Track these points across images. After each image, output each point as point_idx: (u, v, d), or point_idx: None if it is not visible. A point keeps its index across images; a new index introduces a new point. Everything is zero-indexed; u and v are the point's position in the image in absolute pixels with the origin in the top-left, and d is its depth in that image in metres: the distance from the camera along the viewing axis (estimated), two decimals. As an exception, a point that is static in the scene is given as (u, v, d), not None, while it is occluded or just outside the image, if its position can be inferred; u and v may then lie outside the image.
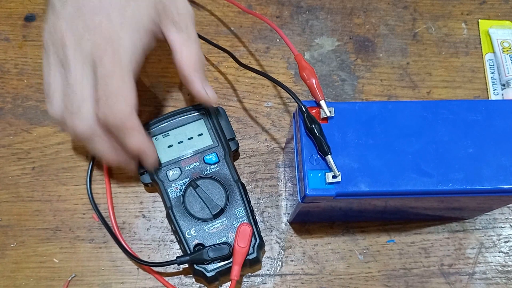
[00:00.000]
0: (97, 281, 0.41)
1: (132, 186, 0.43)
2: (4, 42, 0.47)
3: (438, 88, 0.47)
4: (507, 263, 0.42)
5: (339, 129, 0.32)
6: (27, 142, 0.44)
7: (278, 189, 0.44)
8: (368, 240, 0.42)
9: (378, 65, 0.48)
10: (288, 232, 0.42)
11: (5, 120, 0.45)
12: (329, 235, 0.42)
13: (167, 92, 0.46)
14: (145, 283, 0.41)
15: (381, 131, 0.32)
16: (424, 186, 0.31)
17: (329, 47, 0.48)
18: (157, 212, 0.43)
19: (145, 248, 0.42)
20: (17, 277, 0.41)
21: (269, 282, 0.41)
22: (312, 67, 0.35)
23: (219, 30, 0.49)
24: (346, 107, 0.33)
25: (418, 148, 0.32)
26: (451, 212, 0.40)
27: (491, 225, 0.43)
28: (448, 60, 0.48)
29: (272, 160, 0.44)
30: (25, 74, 0.46)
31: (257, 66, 0.47)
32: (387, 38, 0.49)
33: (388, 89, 0.47)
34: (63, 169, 0.44)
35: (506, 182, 0.31)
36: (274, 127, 0.45)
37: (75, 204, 0.43)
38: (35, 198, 0.43)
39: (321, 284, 0.41)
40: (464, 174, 0.32)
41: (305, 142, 0.32)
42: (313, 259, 0.42)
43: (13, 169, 0.43)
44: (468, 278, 0.41)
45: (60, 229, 0.42)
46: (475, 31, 0.50)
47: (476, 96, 0.47)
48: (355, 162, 0.32)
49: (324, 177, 0.31)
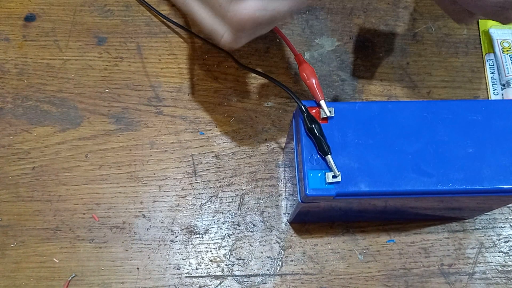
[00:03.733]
0: (97, 281, 0.41)
1: (132, 186, 0.43)
2: (4, 42, 0.47)
3: (438, 88, 0.47)
4: (507, 263, 0.42)
5: (339, 129, 0.32)
6: (27, 142, 0.44)
7: (278, 189, 0.44)
8: (368, 240, 0.42)
9: (378, 65, 0.48)
10: (288, 232, 0.42)
11: (5, 120, 0.45)
12: (329, 235, 0.42)
13: (167, 92, 0.46)
14: (145, 283, 0.41)
15: (381, 131, 0.32)
16: (424, 186, 0.31)
17: (329, 47, 0.48)
18: (157, 212, 0.43)
19: (145, 248, 0.42)
20: (17, 277, 0.41)
21: (269, 282, 0.41)
22: (312, 67, 0.35)
23: (219, 30, 0.48)
24: (346, 107, 0.33)
25: (418, 148, 0.32)
26: (451, 212, 0.40)
27: (491, 225, 0.43)
28: (448, 60, 0.48)
29: (272, 160, 0.44)
30: (25, 74, 0.46)
31: (257, 66, 0.47)
32: (387, 38, 0.49)
33: (388, 89, 0.47)
34: (63, 169, 0.44)
35: (506, 182, 0.31)
36: (274, 127, 0.45)
37: (75, 204, 0.43)
38: (35, 198, 0.43)
39: (321, 284, 0.41)
40: (464, 174, 0.32)
41: (305, 142, 0.32)
42: (313, 259, 0.42)
43: (13, 169, 0.43)
44: (468, 278, 0.41)
45: (60, 229, 0.42)
46: (475, 31, 0.50)
47: (476, 96, 0.47)
48: (355, 162, 0.32)
49: (324, 177, 0.31)
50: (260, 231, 0.42)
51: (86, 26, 0.48)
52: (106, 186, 0.43)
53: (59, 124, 0.45)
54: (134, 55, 0.47)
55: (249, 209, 0.43)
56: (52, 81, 0.46)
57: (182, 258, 0.41)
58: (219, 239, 0.42)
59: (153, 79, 0.47)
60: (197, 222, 0.43)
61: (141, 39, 0.48)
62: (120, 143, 0.44)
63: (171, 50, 0.48)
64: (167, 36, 0.48)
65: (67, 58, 0.47)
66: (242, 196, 0.43)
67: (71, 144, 0.44)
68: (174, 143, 0.45)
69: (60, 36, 0.48)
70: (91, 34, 0.48)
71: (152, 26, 0.49)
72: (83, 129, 0.45)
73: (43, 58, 0.47)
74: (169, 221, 0.42)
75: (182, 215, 0.43)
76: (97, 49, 0.47)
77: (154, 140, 0.45)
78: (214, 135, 0.45)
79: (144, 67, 0.47)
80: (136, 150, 0.44)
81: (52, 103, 0.46)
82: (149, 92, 0.46)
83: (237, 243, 0.42)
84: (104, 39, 0.48)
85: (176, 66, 0.47)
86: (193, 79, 0.47)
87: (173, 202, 0.43)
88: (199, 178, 0.44)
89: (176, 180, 0.44)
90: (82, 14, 0.49)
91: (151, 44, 0.48)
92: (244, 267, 0.41)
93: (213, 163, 0.44)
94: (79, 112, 0.45)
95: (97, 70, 0.47)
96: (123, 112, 0.45)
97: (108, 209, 0.43)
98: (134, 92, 0.46)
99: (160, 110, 0.46)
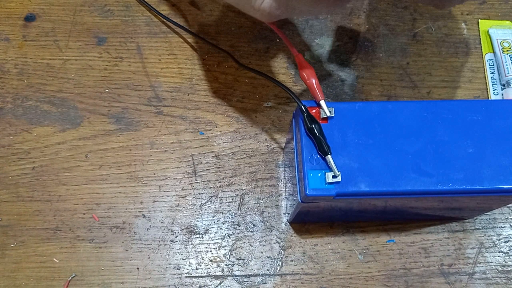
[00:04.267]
0: (97, 281, 0.41)
1: (132, 186, 0.43)
2: (4, 42, 0.47)
3: (438, 88, 0.47)
4: (507, 263, 0.42)
5: (339, 129, 0.32)
6: (27, 142, 0.44)
7: (278, 189, 0.44)
8: (368, 240, 0.42)
9: (378, 65, 0.48)
10: (288, 232, 0.42)
11: (5, 120, 0.45)
12: (329, 235, 0.42)
13: (167, 92, 0.46)
14: (145, 283, 0.41)
15: (381, 131, 0.32)
16: (424, 186, 0.31)
17: (329, 47, 0.48)
18: (157, 212, 0.43)
19: (145, 248, 0.42)
20: (17, 277, 0.41)
21: (269, 282, 0.41)
22: (312, 67, 0.35)
23: (219, 30, 0.49)
24: (346, 107, 0.33)
25: (418, 148, 0.32)
26: (451, 212, 0.40)
27: (491, 225, 0.43)
28: (448, 60, 0.48)
29: (272, 160, 0.44)
30: (25, 74, 0.46)
31: (257, 66, 0.47)
32: (387, 38, 0.49)
33: (388, 89, 0.47)
34: (63, 169, 0.44)
35: (506, 182, 0.31)
36: (274, 127, 0.45)
37: (75, 204, 0.43)
38: (35, 198, 0.43)
39: (321, 284, 0.41)
40: (464, 174, 0.32)
41: (305, 142, 0.32)
42: (313, 259, 0.42)
43: (13, 169, 0.43)
44: (468, 278, 0.41)
45: (60, 229, 0.42)
46: (475, 31, 0.50)
47: (476, 96, 0.47)
48: (355, 162, 0.32)
49: (324, 177, 0.31)
50: (260, 231, 0.42)
51: (86, 26, 0.48)
52: (106, 186, 0.43)
53: (59, 124, 0.45)
54: (134, 55, 0.47)
55: (249, 209, 0.43)
56: (52, 81, 0.46)
57: (182, 258, 0.42)
58: (219, 239, 0.42)
59: (153, 79, 0.47)
60: (197, 222, 0.43)
61: (141, 39, 0.48)
62: (120, 143, 0.44)
63: (171, 50, 0.48)
64: (167, 36, 0.48)
65: (67, 58, 0.47)
66: (242, 196, 0.43)
67: (71, 144, 0.44)
68: (174, 143, 0.45)
69: (60, 36, 0.48)
70: (91, 34, 0.48)
71: (152, 26, 0.49)
72: (83, 129, 0.45)
73: (43, 58, 0.47)
74: (169, 221, 0.42)
75: (182, 215, 0.43)
76: (97, 49, 0.47)
77: (154, 140, 0.45)
78: (214, 135, 0.45)
79: (144, 67, 0.47)
80: (136, 150, 0.44)
81: (52, 103, 0.46)
82: (149, 92, 0.46)
83: (237, 243, 0.42)
84: (104, 39, 0.48)
85: (176, 66, 0.47)
86: (193, 79, 0.47)
87: (173, 202, 0.43)
88: (199, 178, 0.44)
89: (176, 180, 0.44)
90: (82, 14, 0.49)
91: (151, 44, 0.48)
92: (244, 267, 0.41)
93: (213, 163, 0.44)
94: (79, 112, 0.45)
95: (97, 70, 0.47)
96: (123, 112, 0.45)
97: (108, 209, 0.43)
98: (134, 92, 0.46)
99: (160, 110, 0.46)
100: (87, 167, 0.44)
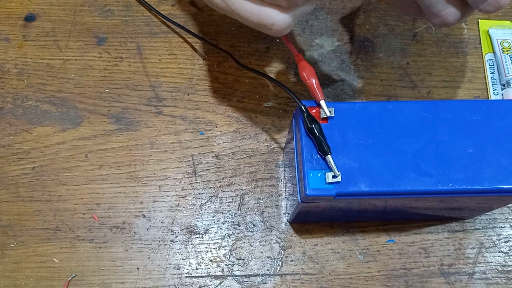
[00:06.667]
0: (97, 281, 0.41)
1: (132, 186, 0.43)
2: (4, 42, 0.47)
3: (438, 88, 0.47)
4: (507, 263, 0.42)
5: (339, 129, 0.32)
6: (27, 142, 0.44)
7: (278, 189, 0.44)
8: (368, 240, 0.42)
9: (378, 65, 0.48)
10: (288, 232, 0.42)
11: (5, 120, 0.45)
12: (329, 235, 0.42)
13: (167, 92, 0.46)
14: (145, 283, 0.41)
15: (381, 131, 0.32)
16: (424, 186, 0.31)
17: (329, 47, 0.48)
18: (157, 212, 0.43)
19: (145, 248, 0.42)
20: (17, 277, 0.41)
21: (269, 282, 0.41)
22: (312, 67, 0.35)
23: (219, 30, 0.49)
24: (346, 107, 0.33)
25: (418, 148, 0.32)
26: (451, 212, 0.40)
27: (491, 225, 0.43)
28: (448, 60, 0.48)
29: (272, 160, 0.44)
30: (25, 74, 0.46)
31: (257, 66, 0.47)
32: (387, 38, 0.49)
33: (388, 89, 0.47)
34: (63, 169, 0.44)
35: (506, 182, 0.31)
36: (274, 127, 0.45)
37: (75, 204, 0.43)
38: (35, 198, 0.43)
39: (321, 284, 0.41)
40: (464, 174, 0.32)
41: (305, 142, 0.32)
42: (313, 259, 0.42)
43: (13, 169, 0.43)
44: (468, 278, 0.41)
45: (60, 229, 0.42)
46: (475, 31, 0.50)
47: (476, 96, 0.47)
48: (355, 162, 0.32)
49: (324, 177, 0.31)
50: (260, 231, 0.42)
51: (86, 26, 0.48)
52: (106, 186, 0.43)
53: (59, 124, 0.45)
54: (134, 55, 0.47)
55: (249, 209, 0.43)
56: (52, 81, 0.46)
57: (182, 258, 0.42)
58: (219, 239, 0.42)
59: (153, 79, 0.47)
60: (197, 222, 0.43)
61: (141, 39, 0.48)
62: (120, 143, 0.44)
63: (171, 50, 0.48)
64: (167, 36, 0.48)
65: (67, 58, 0.47)
66: (242, 196, 0.43)
67: (71, 144, 0.44)
68: (174, 143, 0.45)
69: (60, 36, 0.48)
70: (91, 34, 0.48)
71: (152, 26, 0.49)
72: (83, 129, 0.45)
73: (43, 58, 0.47)
74: (169, 221, 0.42)
75: (182, 215, 0.43)
76: (97, 49, 0.47)
77: (154, 140, 0.45)
78: (214, 135, 0.45)
79: (144, 67, 0.47)
80: (136, 150, 0.44)
81: (52, 103, 0.46)
82: (149, 92, 0.46)
83: (237, 243, 0.42)
84: (104, 39, 0.48)
85: (176, 66, 0.47)
86: (193, 79, 0.47)
87: (173, 202, 0.43)
88: (199, 178, 0.44)
89: (176, 180, 0.44)
90: (82, 14, 0.49)
91: (151, 44, 0.48)
92: (244, 267, 0.41)
93: (213, 163, 0.44)
94: (79, 112, 0.45)
95: (97, 70, 0.47)
96: (123, 112, 0.45)
97: (108, 209, 0.43)
98: (134, 92, 0.46)
99: (160, 110, 0.46)
100: (87, 167, 0.44)
